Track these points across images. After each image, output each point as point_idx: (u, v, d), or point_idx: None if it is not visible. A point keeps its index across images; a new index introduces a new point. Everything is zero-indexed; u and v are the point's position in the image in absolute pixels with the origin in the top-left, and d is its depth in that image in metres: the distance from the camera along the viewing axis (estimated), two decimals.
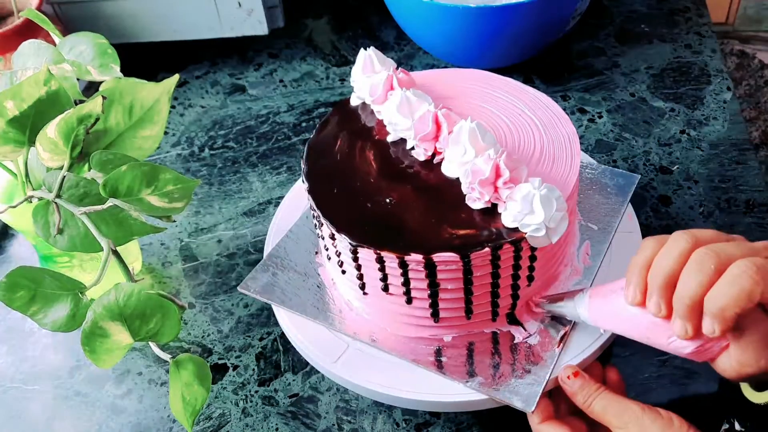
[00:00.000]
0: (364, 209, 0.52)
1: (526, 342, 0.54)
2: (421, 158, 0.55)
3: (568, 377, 0.51)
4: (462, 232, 0.49)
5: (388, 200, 0.52)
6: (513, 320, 0.55)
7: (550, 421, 0.51)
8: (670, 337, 0.46)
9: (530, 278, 0.53)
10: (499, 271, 0.50)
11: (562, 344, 0.53)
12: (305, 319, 0.57)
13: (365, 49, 0.60)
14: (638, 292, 0.46)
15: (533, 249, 0.50)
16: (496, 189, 0.50)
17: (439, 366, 0.53)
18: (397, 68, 0.59)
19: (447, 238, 0.49)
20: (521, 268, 0.51)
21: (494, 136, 0.52)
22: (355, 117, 0.60)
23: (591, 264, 0.58)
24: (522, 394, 0.51)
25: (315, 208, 0.53)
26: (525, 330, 0.54)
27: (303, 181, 0.55)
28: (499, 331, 0.55)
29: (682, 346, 0.46)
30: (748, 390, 0.49)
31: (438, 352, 0.54)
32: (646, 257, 0.46)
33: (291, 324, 0.57)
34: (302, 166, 0.56)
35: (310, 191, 0.54)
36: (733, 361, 0.45)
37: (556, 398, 0.53)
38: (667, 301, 0.45)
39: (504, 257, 0.50)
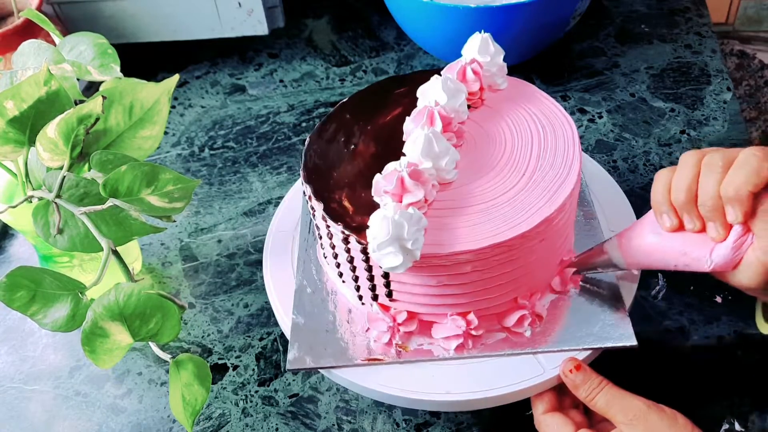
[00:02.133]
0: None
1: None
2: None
3: (570, 371, 0.51)
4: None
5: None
6: None
7: (553, 412, 0.51)
8: (707, 252, 0.47)
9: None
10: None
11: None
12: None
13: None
14: (672, 216, 0.48)
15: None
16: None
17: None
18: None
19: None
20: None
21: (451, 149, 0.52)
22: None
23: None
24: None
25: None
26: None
27: (302, 183, 0.55)
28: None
29: (719, 257, 0.47)
30: (761, 321, 0.52)
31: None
32: (665, 184, 0.48)
33: (291, 324, 0.57)
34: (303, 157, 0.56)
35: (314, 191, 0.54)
36: (758, 251, 0.45)
37: (560, 391, 0.53)
38: (697, 213, 0.47)
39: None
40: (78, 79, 0.58)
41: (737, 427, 0.55)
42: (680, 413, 0.47)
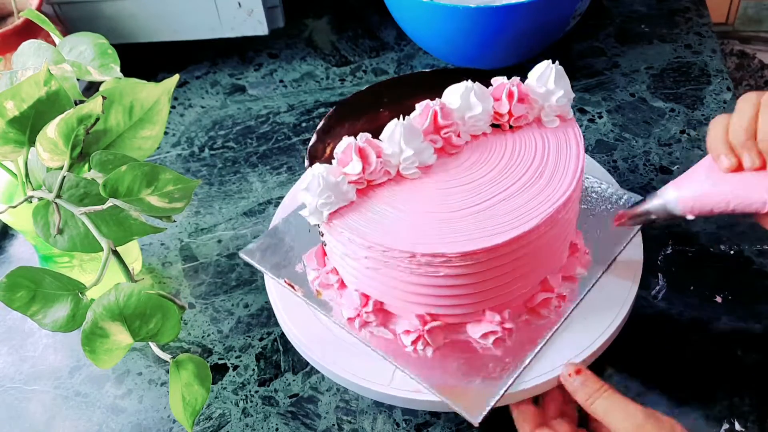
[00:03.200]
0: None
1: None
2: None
3: (570, 375, 0.50)
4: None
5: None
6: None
7: (540, 429, 0.50)
8: (763, 191, 0.47)
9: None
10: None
11: None
12: (305, 318, 0.57)
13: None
14: (730, 156, 0.48)
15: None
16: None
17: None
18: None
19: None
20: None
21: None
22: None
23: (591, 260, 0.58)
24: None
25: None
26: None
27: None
28: None
29: None
30: None
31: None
32: (723, 125, 0.48)
33: (291, 324, 0.58)
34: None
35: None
36: None
37: (544, 402, 0.53)
38: (757, 150, 0.47)
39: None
40: (78, 79, 0.58)
41: (737, 427, 0.55)
42: (678, 424, 0.47)
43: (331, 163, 0.53)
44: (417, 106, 0.54)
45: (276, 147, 0.84)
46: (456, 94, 0.54)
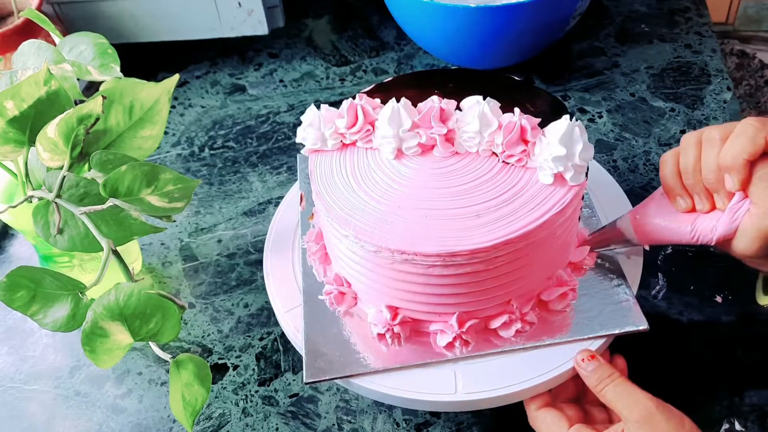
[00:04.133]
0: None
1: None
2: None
3: (583, 360, 0.51)
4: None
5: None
6: None
7: (546, 408, 0.51)
8: (711, 225, 0.49)
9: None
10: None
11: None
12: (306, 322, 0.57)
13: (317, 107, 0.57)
14: (687, 198, 0.50)
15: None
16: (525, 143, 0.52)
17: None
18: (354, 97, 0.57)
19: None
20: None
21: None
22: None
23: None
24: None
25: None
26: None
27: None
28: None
29: (721, 226, 0.48)
30: (760, 293, 0.53)
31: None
32: (673, 168, 0.50)
33: (291, 324, 0.57)
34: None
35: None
36: (754, 217, 0.46)
37: (554, 390, 0.53)
38: (707, 193, 0.49)
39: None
40: (78, 79, 0.58)
41: (737, 427, 0.55)
42: (688, 418, 0.47)
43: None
44: (432, 98, 0.55)
45: (276, 147, 0.84)
46: (474, 107, 0.54)
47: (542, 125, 0.56)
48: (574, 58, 0.91)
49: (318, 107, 0.56)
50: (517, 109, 0.53)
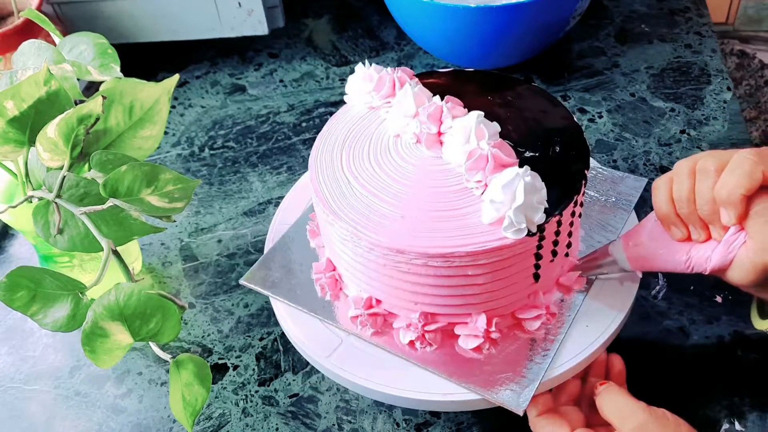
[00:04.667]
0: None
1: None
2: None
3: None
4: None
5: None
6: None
7: (547, 414, 0.51)
8: (706, 254, 0.48)
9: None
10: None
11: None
12: (305, 318, 0.57)
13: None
14: (681, 227, 0.49)
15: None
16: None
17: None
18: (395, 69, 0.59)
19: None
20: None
21: (497, 128, 0.53)
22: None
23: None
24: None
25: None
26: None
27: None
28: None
29: (716, 257, 0.48)
30: (756, 317, 0.53)
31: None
32: (666, 196, 0.49)
33: (291, 323, 0.58)
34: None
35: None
36: (749, 251, 0.46)
37: (555, 390, 0.53)
38: (702, 224, 0.48)
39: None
40: (78, 79, 0.58)
41: (737, 427, 0.55)
42: (685, 423, 0.47)
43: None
44: (448, 98, 0.56)
45: (276, 147, 0.84)
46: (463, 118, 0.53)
47: (542, 126, 0.56)
48: (574, 58, 0.91)
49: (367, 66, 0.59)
50: (494, 141, 0.51)
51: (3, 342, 0.68)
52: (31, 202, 0.52)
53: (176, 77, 0.53)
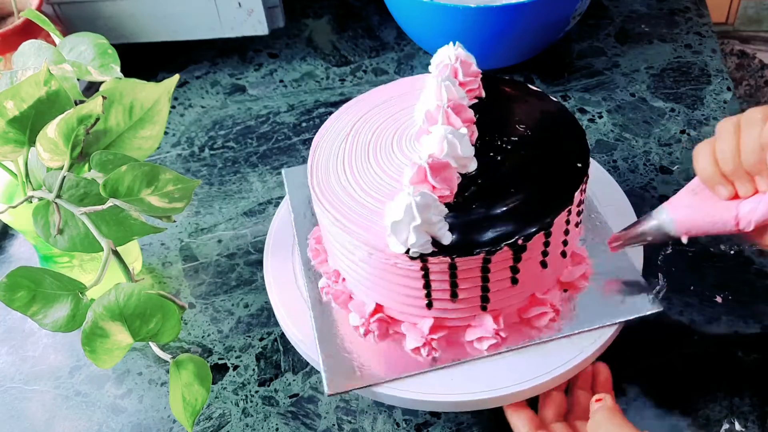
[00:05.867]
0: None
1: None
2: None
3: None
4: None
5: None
6: None
7: (539, 431, 0.50)
8: (749, 210, 0.48)
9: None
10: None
11: None
12: (305, 318, 0.57)
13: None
14: (727, 185, 0.49)
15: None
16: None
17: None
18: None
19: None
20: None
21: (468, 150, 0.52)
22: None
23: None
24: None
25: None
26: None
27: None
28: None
29: (765, 207, 0.47)
30: None
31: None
32: (709, 157, 0.48)
33: (291, 324, 0.58)
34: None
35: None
36: None
37: (542, 404, 0.53)
38: (749, 177, 0.47)
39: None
40: (78, 79, 0.58)
41: (737, 427, 0.55)
42: None
43: None
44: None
45: (276, 147, 0.84)
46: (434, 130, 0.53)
47: (541, 126, 0.56)
48: (574, 58, 0.91)
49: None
50: (428, 154, 0.50)
51: (3, 342, 0.68)
52: (31, 202, 0.52)
53: (176, 77, 0.53)
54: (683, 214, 0.52)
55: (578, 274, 0.56)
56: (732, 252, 0.66)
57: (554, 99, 0.58)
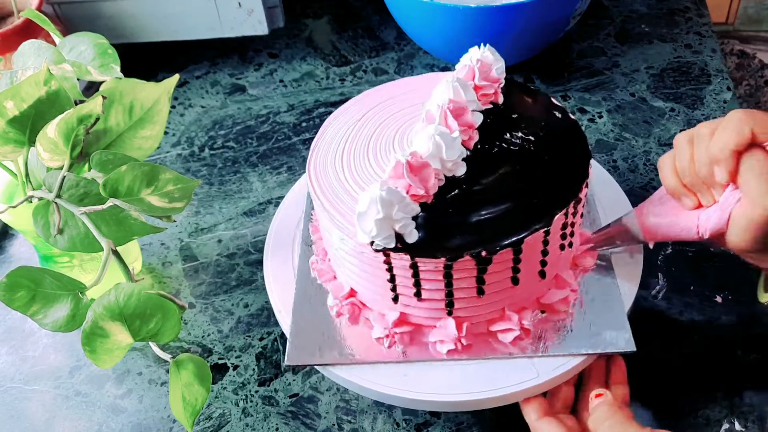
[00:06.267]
0: None
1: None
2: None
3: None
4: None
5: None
6: None
7: (547, 417, 0.51)
8: (706, 218, 0.49)
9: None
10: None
11: None
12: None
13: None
14: (691, 196, 0.50)
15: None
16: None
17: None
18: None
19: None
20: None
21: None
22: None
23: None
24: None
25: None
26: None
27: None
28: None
29: (714, 219, 0.49)
30: (761, 291, 0.54)
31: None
32: (671, 169, 0.50)
33: (291, 323, 0.57)
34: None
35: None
36: (744, 207, 0.46)
37: (551, 397, 0.53)
38: (705, 186, 0.49)
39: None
40: (78, 79, 0.58)
41: (737, 427, 0.55)
42: None
43: None
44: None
45: (276, 147, 0.84)
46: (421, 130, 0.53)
47: (546, 143, 0.55)
48: (574, 58, 0.91)
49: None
50: (409, 150, 0.50)
51: (3, 342, 0.68)
52: (31, 202, 0.52)
53: (176, 77, 0.53)
54: (651, 222, 0.54)
55: (558, 298, 0.55)
56: (732, 252, 0.66)
57: (572, 117, 0.56)
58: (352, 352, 0.55)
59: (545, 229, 0.49)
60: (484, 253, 0.48)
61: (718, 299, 0.63)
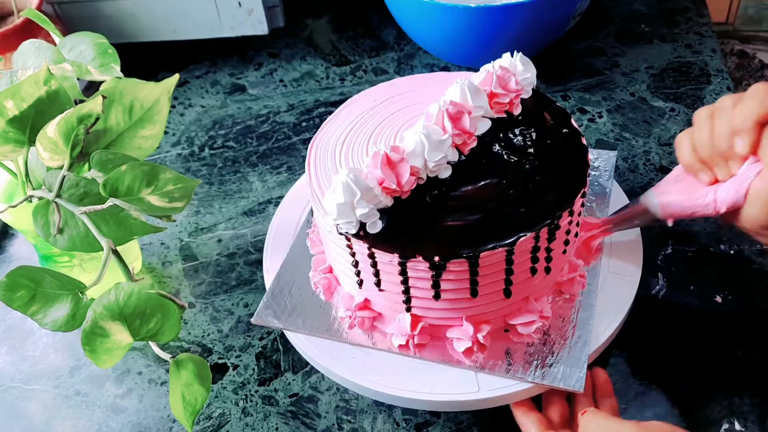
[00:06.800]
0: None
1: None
2: None
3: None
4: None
5: None
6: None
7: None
8: (723, 193, 0.49)
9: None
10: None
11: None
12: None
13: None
14: (707, 171, 0.50)
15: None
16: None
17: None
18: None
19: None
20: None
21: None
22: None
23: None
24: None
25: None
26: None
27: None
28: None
29: (731, 193, 0.48)
30: None
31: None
32: (689, 143, 0.50)
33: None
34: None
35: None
36: (765, 179, 0.46)
37: (546, 406, 0.53)
38: (722, 161, 0.49)
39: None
40: (78, 79, 0.58)
41: (737, 426, 0.55)
42: (666, 425, 0.46)
43: None
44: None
45: (276, 147, 0.84)
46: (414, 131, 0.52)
47: (546, 162, 0.54)
48: (574, 58, 0.91)
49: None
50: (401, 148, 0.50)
51: (3, 342, 0.68)
52: (31, 201, 0.52)
53: (176, 77, 0.53)
54: (668, 199, 0.54)
55: (522, 321, 0.53)
56: (732, 252, 0.66)
57: (584, 142, 0.55)
58: (316, 325, 0.56)
59: (507, 249, 0.48)
60: (437, 259, 0.48)
61: (718, 299, 0.63)
